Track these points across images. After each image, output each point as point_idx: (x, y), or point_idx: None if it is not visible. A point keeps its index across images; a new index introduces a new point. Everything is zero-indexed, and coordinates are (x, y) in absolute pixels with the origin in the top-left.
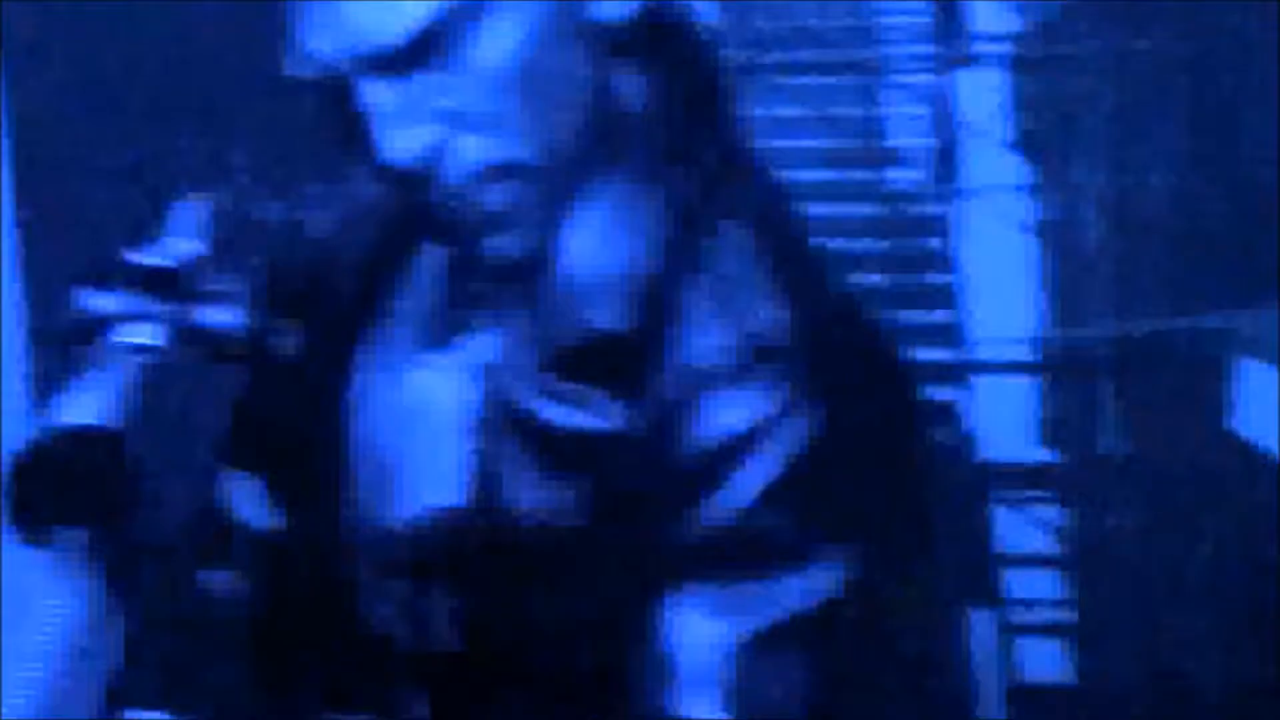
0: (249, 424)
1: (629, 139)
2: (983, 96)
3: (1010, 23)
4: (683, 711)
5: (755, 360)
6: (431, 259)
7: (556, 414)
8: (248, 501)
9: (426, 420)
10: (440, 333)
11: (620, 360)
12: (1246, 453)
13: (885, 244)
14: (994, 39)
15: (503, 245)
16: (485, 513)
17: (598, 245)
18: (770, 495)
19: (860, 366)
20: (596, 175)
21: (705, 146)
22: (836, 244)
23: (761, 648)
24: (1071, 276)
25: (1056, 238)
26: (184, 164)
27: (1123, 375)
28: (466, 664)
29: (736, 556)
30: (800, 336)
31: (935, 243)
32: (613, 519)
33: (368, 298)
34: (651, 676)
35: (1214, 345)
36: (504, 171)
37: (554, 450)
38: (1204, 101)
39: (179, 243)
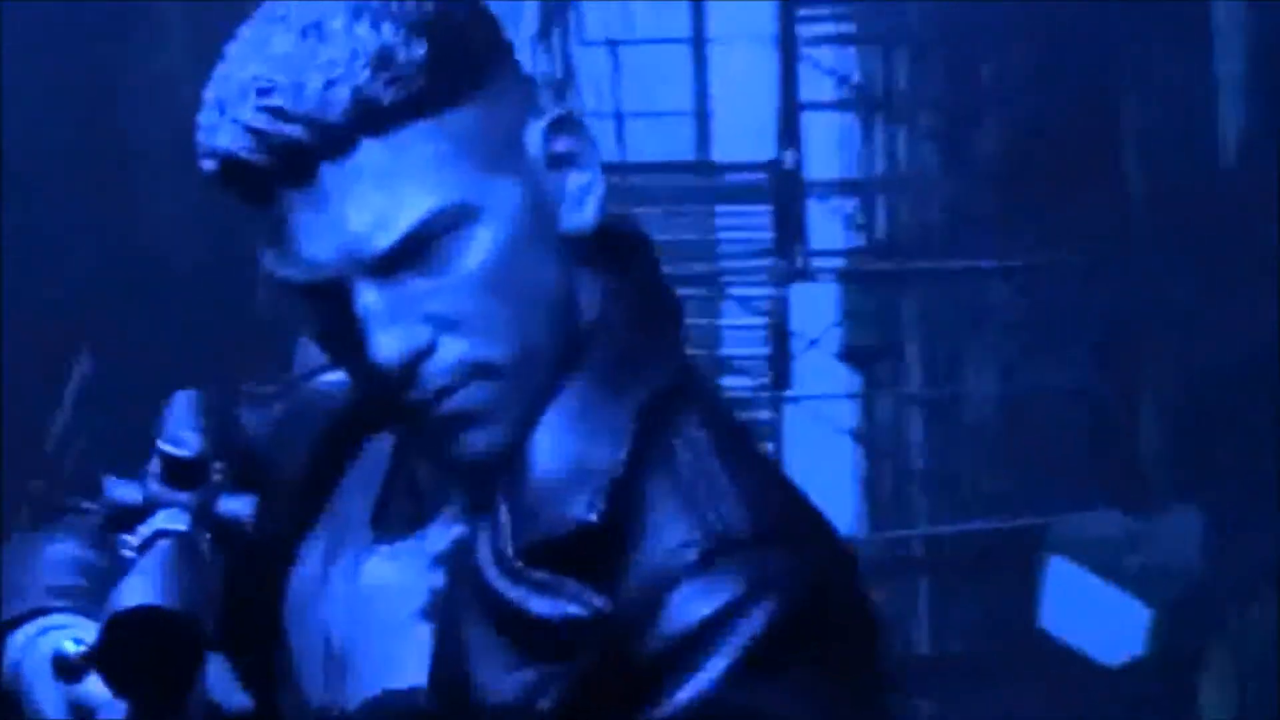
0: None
1: (591, 343)
2: (817, 308)
3: (846, 239)
4: None
5: (718, 549)
6: (379, 453)
7: (528, 599)
8: (219, 682)
9: (384, 605)
10: (396, 522)
11: (591, 550)
12: (1057, 651)
13: None
14: (829, 254)
15: (475, 440)
16: (450, 695)
17: (566, 442)
18: (733, 679)
19: (812, 554)
20: (563, 376)
21: (658, 352)
22: None
23: None
24: (892, 480)
25: (880, 443)
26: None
27: (936, 575)
28: None
29: None
30: (758, 527)
31: (766, 448)
32: (582, 702)
33: (314, 490)
34: None
35: (1026, 546)
36: (480, 370)
37: (524, 635)
38: (1026, 313)
39: (188, 434)
